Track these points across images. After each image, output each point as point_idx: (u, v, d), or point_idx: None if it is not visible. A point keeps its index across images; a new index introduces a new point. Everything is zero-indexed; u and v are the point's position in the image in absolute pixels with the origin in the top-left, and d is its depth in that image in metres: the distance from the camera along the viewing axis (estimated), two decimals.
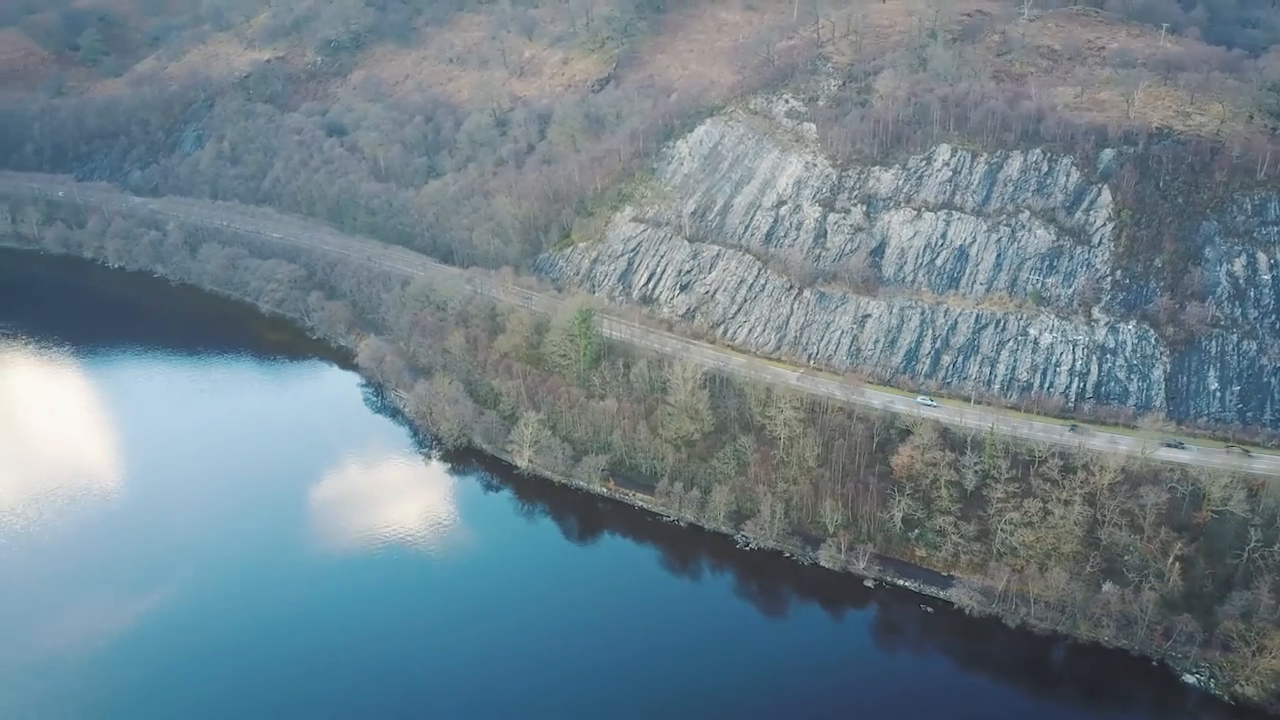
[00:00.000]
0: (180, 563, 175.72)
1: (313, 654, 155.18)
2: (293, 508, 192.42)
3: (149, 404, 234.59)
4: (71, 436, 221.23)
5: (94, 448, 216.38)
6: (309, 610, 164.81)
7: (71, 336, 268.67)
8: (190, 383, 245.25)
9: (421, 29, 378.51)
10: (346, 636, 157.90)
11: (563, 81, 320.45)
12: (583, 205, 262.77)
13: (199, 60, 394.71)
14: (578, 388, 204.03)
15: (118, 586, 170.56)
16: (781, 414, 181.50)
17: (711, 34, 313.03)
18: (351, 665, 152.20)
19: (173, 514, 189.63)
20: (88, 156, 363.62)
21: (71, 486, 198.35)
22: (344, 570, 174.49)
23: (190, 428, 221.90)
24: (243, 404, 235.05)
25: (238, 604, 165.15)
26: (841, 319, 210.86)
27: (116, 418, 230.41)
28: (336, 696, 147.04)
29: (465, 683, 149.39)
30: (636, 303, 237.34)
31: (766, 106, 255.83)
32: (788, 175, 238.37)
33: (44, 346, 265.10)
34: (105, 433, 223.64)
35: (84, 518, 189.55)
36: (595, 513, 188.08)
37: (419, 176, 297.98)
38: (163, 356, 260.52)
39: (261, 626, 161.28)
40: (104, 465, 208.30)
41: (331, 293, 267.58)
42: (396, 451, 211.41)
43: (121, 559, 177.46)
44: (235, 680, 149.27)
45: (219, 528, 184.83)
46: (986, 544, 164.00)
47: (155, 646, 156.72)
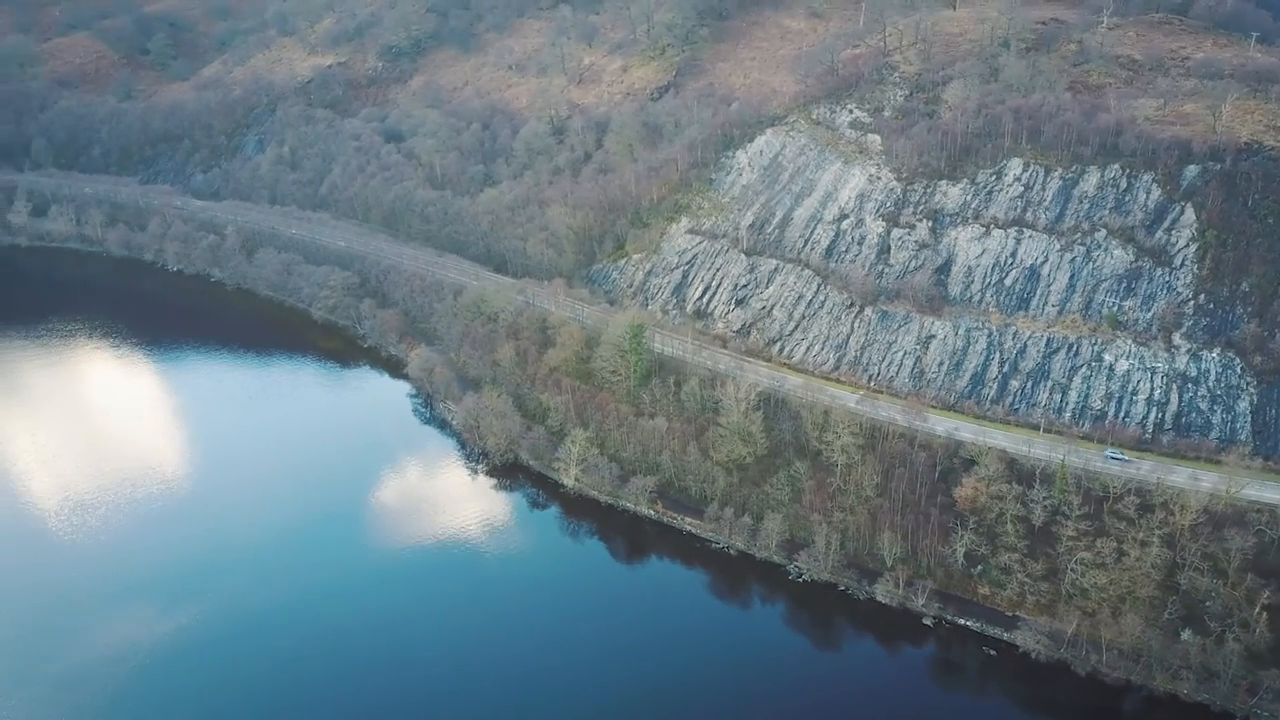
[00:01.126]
0: (229, 567, 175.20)
1: (349, 658, 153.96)
2: (338, 518, 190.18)
3: (202, 406, 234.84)
4: (125, 434, 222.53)
5: (145, 447, 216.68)
6: (347, 617, 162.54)
7: (129, 337, 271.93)
8: (241, 387, 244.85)
9: (482, 35, 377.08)
10: (384, 643, 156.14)
11: (622, 89, 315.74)
12: (638, 216, 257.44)
13: (263, 65, 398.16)
14: (627, 405, 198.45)
15: (169, 587, 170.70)
16: (839, 439, 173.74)
17: (774, 41, 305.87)
18: (388, 674, 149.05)
19: (222, 517, 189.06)
20: (152, 160, 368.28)
21: (121, 485, 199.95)
22: (386, 582, 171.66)
23: (240, 432, 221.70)
24: (292, 410, 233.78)
25: (281, 610, 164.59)
26: (904, 339, 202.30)
27: (170, 420, 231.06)
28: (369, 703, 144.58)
29: (500, 705, 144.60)
30: (690, 317, 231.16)
31: (829, 117, 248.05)
32: (850, 188, 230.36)
33: (102, 346, 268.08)
34: (157, 433, 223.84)
35: (138, 514, 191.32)
36: (642, 535, 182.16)
37: (475, 184, 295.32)
38: (216, 360, 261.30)
39: (300, 630, 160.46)
40: (156, 465, 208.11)
41: (384, 300, 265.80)
42: (443, 464, 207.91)
43: (174, 560, 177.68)
44: (272, 680, 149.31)
45: (265, 534, 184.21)
46: (1055, 584, 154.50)
47: (201, 646, 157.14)
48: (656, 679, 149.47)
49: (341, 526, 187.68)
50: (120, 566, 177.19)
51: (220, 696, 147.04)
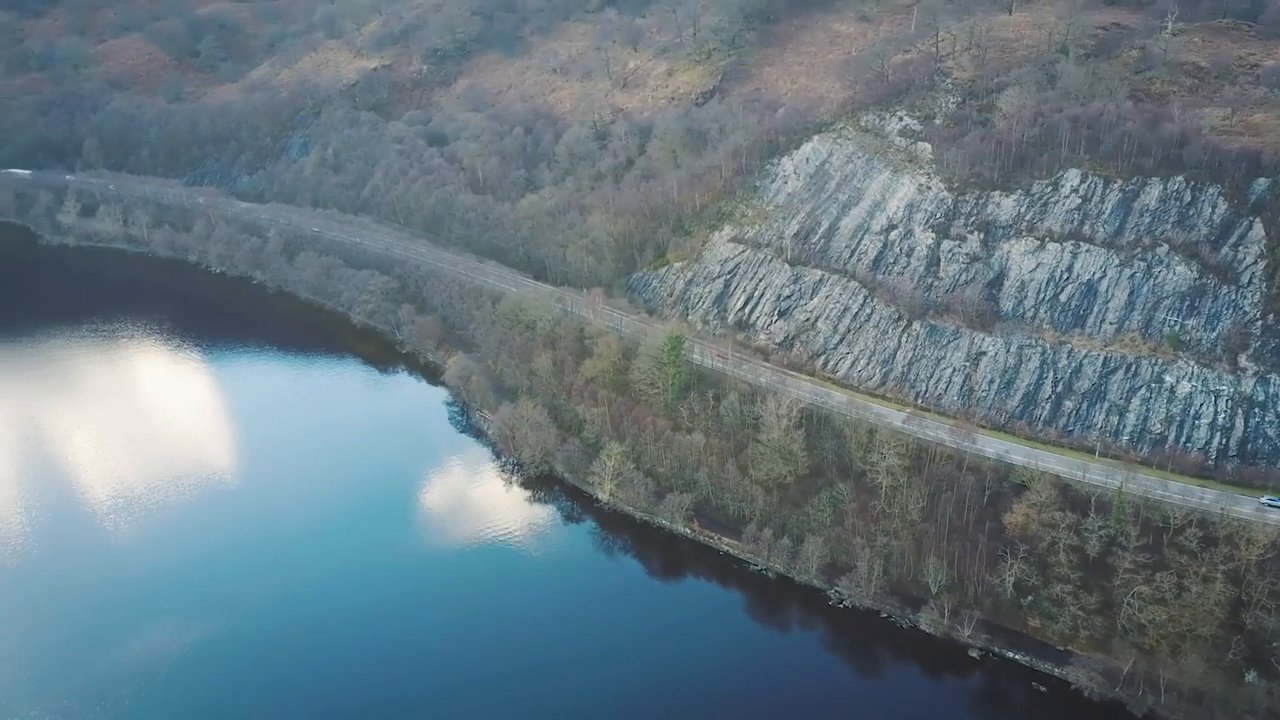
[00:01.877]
0: (264, 567, 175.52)
1: (380, 661, 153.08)
2: (374, 524, 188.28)
3: (243, 407, 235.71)
4: (169, 432, 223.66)
5: (188, 446, 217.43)
6: (380, 621, 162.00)
7: (172, 338, 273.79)
8: (281, 389, 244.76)
9: (526, 38, 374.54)
10: (414, 647, 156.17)
11: (666, 94, 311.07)
12: (680, 223, 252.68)
13: (309, 68, 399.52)
14: (664, 419, 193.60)
15: (209, 584, 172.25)
16: (884, 460, 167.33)
17: (823, 46, 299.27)
18: (415, 681, 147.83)
19: (261, 519, 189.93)
20: (199, 161, 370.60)
21: (167, 481, 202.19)
22: (419, 588, 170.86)
23: (278, 434, 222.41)
24: (330, 415, 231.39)
25: (310, 612, 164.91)
26: (953, 355, 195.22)
27: (212, 420, 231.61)
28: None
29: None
30: (731, 328, 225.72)
31: (878, 124, 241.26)
32: (899, 198, 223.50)
33: (147, 346, 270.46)
34: (201, 433, 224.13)
35: (184, 510, 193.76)
36: (677, 554, 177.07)
37: (516, 189, 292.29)
38: (256, 362, 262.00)
39: (329, 628, 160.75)
40: (199, 464, 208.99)
41: (423, 306, 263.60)
42: (478, 474, 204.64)
43: (212, 559, 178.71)
44: (304, 681, 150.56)
45: (301, 538, 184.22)
46: (1110, 618, 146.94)
47: (234, 639, 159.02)
48: (691, 702, 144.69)
49: (376, 532, 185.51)
50: (164, 560, 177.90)
51: (257, 685, 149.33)
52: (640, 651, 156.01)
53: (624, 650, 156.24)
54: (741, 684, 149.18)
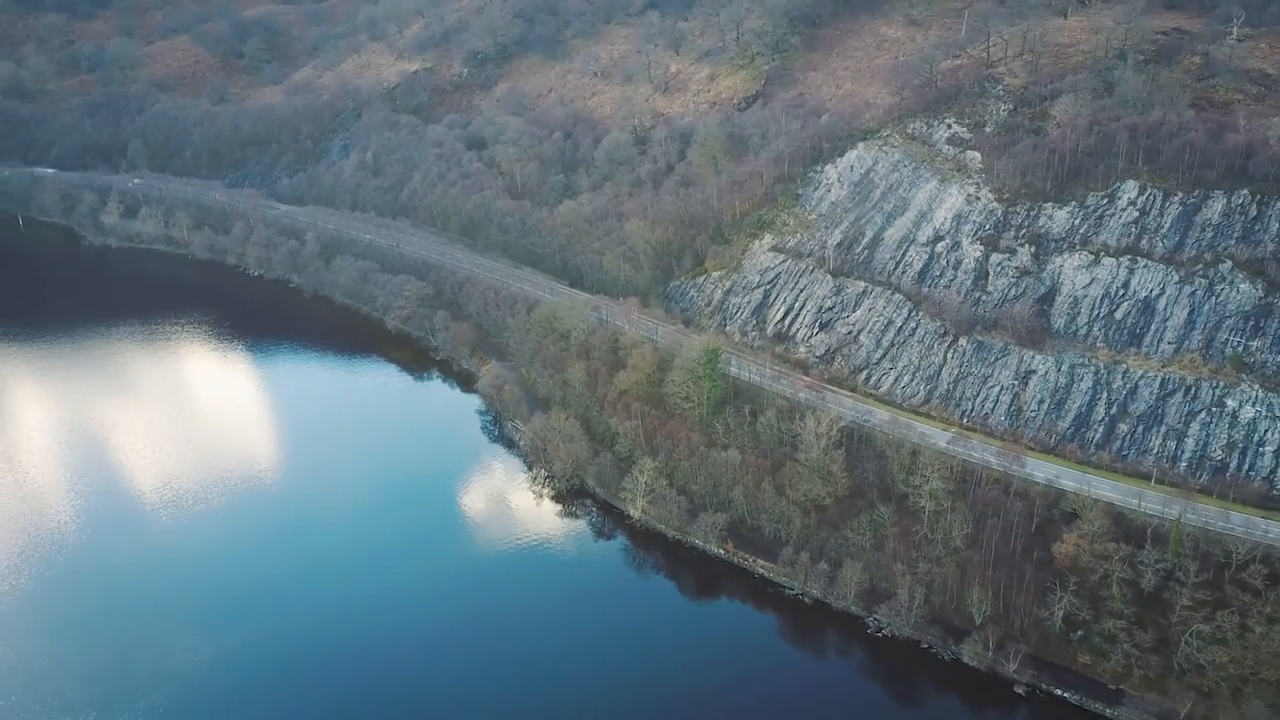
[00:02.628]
0: (298, 572, 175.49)
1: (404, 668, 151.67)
2: (400, 531, 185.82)
3: (278, 410, 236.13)
4: (208, 431, 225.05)
5: (226, 448, 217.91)
6: (407, 629, 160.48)
7: (210, 340, 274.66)
8: (315, 394, 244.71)
9: (568, 41, 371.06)
10: (436, 657, 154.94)
11: (708, 99, 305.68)
12: (719, 231, 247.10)
13: (351, 70, 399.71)
14: (699, 434, 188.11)
15: (247, 581, 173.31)
16: (928, 484, 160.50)
17: (869, 51, 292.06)
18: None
19: (293, 522, 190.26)
20: (241, 163, 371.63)
21: (206, 479, 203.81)
22: (446, 598, 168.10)
23: (310, 439, 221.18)
24: (363, 421, 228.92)
25: (334, 620, 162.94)
26: (1001, 373, 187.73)
27: (249, 423, 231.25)
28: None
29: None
30: (770, 340, 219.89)
31: (926, 131, 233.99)
32: (946, 208, 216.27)
33: (186, 347, 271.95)
34: (238, 435, 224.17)
35: (224, 508, 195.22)
36: (710, 576, 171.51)
37: (554, 194, 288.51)
38: (292, 365, 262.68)
39: (351, 636, 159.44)
40: (235, 466, 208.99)
41: (458, 312, 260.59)
42: (508, 485, 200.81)
43: (249, 558, 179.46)
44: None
45: (329, 545, 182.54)
46: (1166, 657, 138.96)
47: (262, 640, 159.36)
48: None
49: (406, 540, 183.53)
50: (204, 560, 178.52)
51: (278, 682, 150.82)
52: (671, 674, 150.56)
53: (653, 672, 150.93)
54: (775, 711, 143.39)
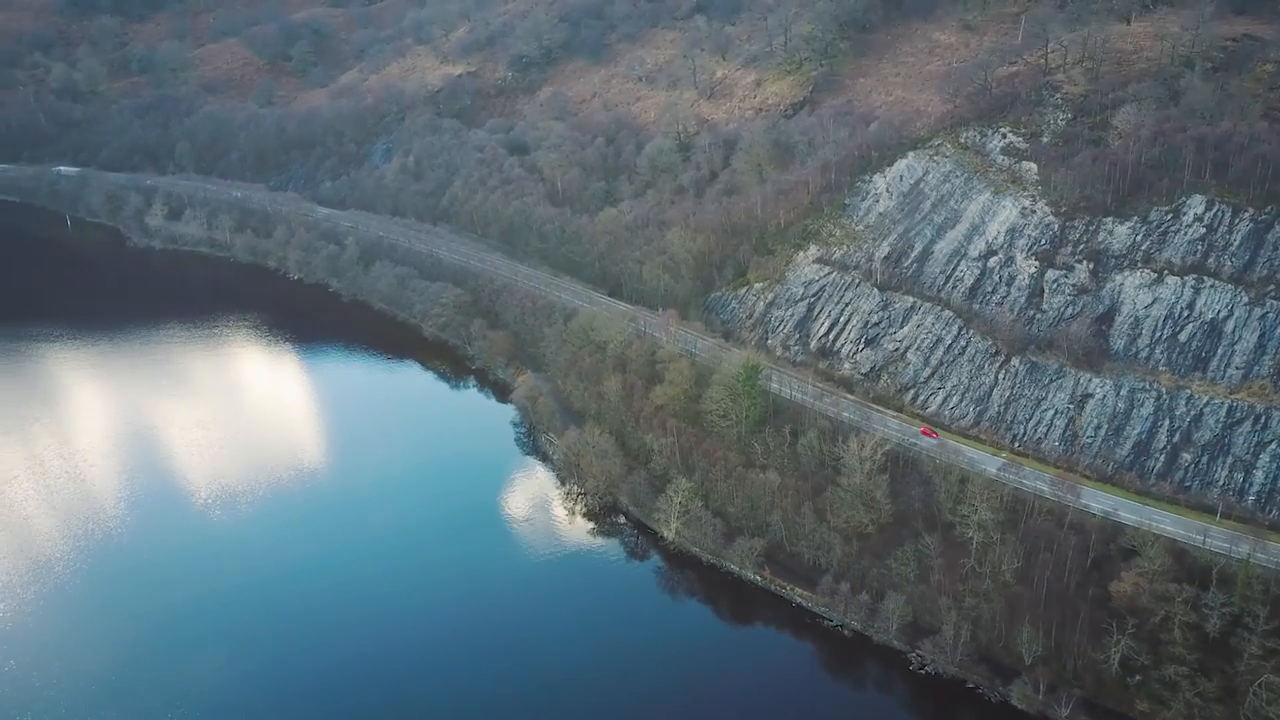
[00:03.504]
0: (330, 578, 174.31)
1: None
2: (429, 541, 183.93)
3: (311, 412, 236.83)
4: (250, 431, 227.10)
5: (266, 447, 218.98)
6: (426, 641, 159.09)
7: (246, 345, 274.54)
8: (346, 399, 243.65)
9: (613, 45, 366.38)
10: (461, 670, 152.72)
11: (754, 105, 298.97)
12: (763, 241, 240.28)
13: (396, 73, 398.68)
14: (736, 454, 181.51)
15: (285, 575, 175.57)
16: (976, 514, 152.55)
17: (921, 56, 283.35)
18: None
19: (326, 530, 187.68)
20: (285, 165, 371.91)
21: (248, 476, 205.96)
22: (468, 616, 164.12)
23: (342, 442, 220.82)
24: (394, 428, 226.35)
25: (363, 621, 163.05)
26: (1056, 396, 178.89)
27: (282, 427, 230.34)
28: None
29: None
30: (813, 355, 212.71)
31: (980, 141, 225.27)
32: (1000, 221, 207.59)
33: (221, 350, 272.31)
34: (278, 435, 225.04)
35: (266, 507, 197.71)
36: (746, 602, 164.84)
37: (595, 201, 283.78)
38: (326, 372, 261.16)
39: (373, 642, 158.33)
40: (275, 466, 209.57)
41: (495, 321, 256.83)
42: (540, 500, 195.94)
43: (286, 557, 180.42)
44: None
45: (357, 551, 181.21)
46: (1232, 708, 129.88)
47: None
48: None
49: (433, 550, 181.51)
50: (243, 562, 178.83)
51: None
52: (704, 702, 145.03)
53: (686, 700, 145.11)
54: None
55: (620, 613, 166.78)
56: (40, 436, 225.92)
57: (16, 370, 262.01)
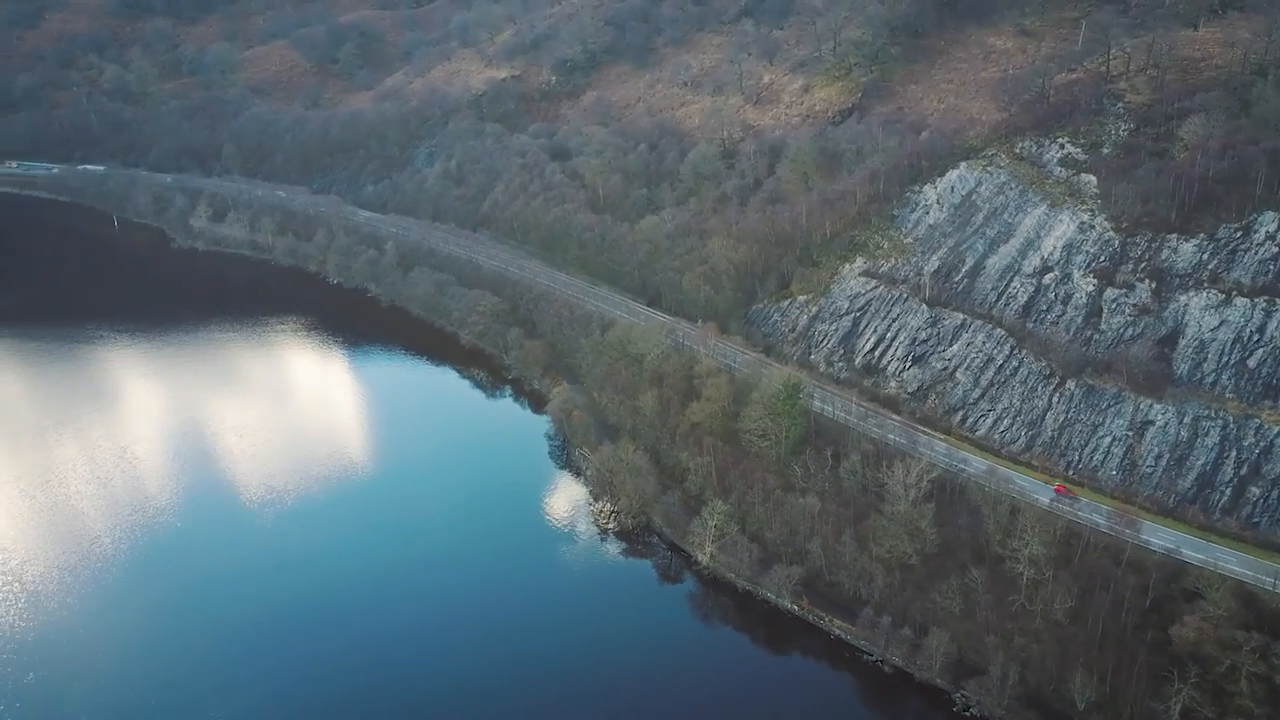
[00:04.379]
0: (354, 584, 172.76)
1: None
2: (457, 558, 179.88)
3: (346, 422, 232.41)
4: (278, 438, 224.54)
5: (299, 451, 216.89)
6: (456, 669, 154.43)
7: (285, 348, 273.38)
8: (381, 405, 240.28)
9: (659, 49, 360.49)
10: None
11: (801, 111, 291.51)
12: (807, 253, 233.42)
13: (441, 77, 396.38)
14: (775, 476, 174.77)
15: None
16: (1027, 548, 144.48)
17: (976, 63, 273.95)
18: None
19: (350, 535, 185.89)
20: (329, 168, 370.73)
21: (289, 478, 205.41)
22: (496, 635, 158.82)
23: (377, 451, 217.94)
24: (428, 436, 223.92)
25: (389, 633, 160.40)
26: (1114, 422, 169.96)
27: (319, 429, 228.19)
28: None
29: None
30: (858, 371, 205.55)
31: (1036, 151, 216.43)
32: (1056, 236, 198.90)
33: (259, 352, 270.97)
34: (308, 440, 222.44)
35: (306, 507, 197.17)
36: (782, 632, 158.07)
37: (636, 209, 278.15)
38: (363, 379, 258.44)
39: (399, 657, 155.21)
40: (308, 466, 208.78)
41: (532, 330, 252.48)
42: (571, 517, 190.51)
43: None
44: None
45: (385, 562, 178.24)
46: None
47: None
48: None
49: (449, 574, 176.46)
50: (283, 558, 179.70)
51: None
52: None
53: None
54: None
55: (651, 638, 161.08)
56: (91, 428, 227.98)
57: (67, 366, 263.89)
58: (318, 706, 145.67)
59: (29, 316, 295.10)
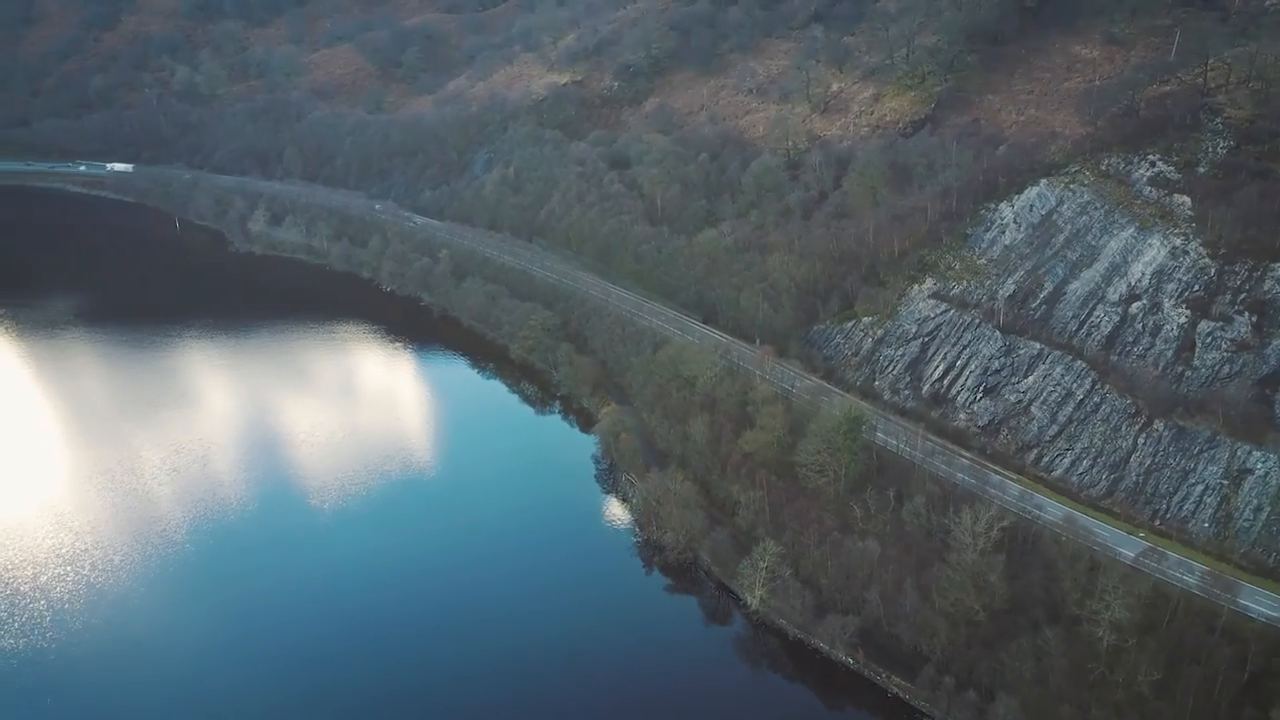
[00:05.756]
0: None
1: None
2: (488, 592, 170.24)
3: (392, 432, 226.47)
4: (327, 447, 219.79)
5: (349, 459, 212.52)
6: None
7: (337, 354, 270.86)
8: (428, 418, 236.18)
9: (724, 55, 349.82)
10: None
11: (870, 121, 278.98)
12: (873, 272, 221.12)
13: (502, 81, 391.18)
14: (832, 516, 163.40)
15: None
16: (1108, 611, 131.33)
17: (1059, 72, 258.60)
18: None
19: (382, 550, 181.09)
20: (388, 173, 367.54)
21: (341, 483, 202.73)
22: (523, 671, 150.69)
23: (421, 462, 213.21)
24: (472, 451, 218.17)
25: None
26: (1207, 469, 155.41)
27: (368, 434, 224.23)
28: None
29: None
30: (925, 401, 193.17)
31: (1124, 169, 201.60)
32: (1145, 262, 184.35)
33: (307, 358, 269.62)
34: (359, 444, 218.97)
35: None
36: (835, 686, 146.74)
37: (695, 221, 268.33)
38: (412, 389, 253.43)
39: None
40: (355, 473, 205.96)
41: (583, 345, 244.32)
42: (614, 548, 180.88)
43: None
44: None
45: (422, 585, 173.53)
46: None
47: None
48: None
49: (486, 605, 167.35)
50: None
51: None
52: None
53: None
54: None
55: (694, 680, 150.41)
56: (164, 424, 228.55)
57: (135, 365, 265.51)
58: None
59: (104, 316, 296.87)
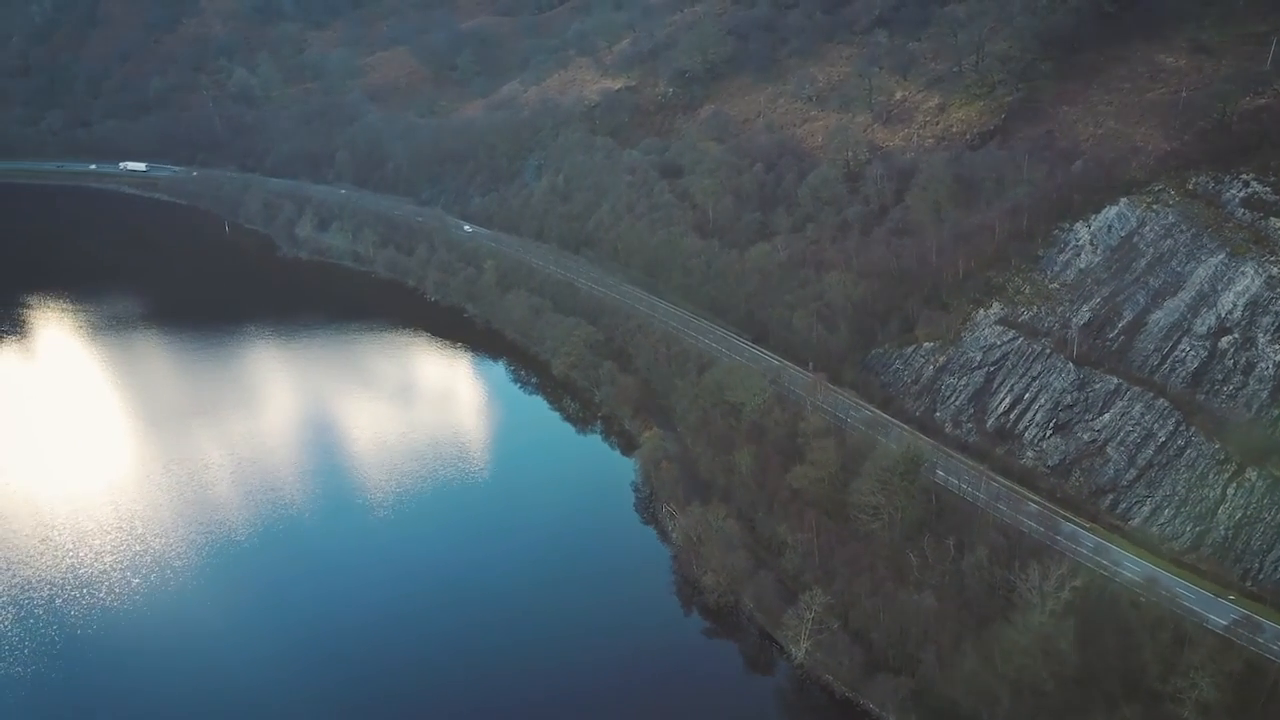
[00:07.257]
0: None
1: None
2: (515, 622, 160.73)
3: (431, 443, 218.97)
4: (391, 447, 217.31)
5: (388, 469, 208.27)
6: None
7: (376, 362, 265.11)
8: (466, 433, 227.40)
9: (783, 61, 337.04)
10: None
11: (935, 132, 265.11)
12: (936, 293, 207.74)
13: (555, 86, 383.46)
14: (886, 564, 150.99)
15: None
16: (1196, 689, 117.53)
17: (1141, 82, 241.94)
18: None
19: (411, 564, 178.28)
20: (437, 178, 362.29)
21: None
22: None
23: (460, 476, 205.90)
24: (508, 468, 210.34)
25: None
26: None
27: (395, 451, 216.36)
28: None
29: None
30: (989, 435, 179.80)
31: (1213, 189, 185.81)
32: (1237, 291, 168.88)
33: (349, 367, 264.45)
34: (398, 455, 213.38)
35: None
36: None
37: (748, 234, 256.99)
38: (451, 399, 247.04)
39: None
40: (393, 483, 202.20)
41: (626, 363, 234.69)
42: (650, 588, 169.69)
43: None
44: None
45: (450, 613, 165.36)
46: None
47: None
48: None
49: (515, 636, 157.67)
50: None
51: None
52: None
53: None
54: None
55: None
56: (222, 422, 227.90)
57: (191, 365, 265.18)
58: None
59: (162, 317, 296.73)
